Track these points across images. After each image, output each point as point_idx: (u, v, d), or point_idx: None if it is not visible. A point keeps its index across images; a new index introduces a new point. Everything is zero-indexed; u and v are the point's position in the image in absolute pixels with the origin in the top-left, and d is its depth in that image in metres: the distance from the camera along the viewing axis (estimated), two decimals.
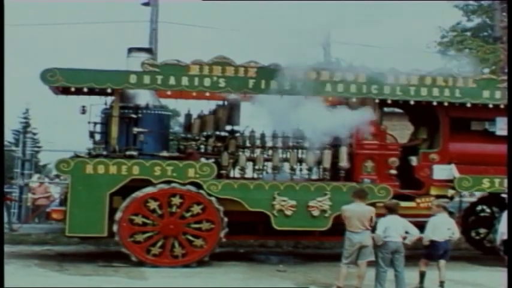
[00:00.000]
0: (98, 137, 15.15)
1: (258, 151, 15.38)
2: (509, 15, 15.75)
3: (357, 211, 11.74)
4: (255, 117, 15.07)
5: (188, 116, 16.00)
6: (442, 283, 12.23)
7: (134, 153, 14.52)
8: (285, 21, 13.60)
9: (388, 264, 11.58)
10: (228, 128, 15.49)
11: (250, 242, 17.41)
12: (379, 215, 12.04)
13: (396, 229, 11.58)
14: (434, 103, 15.12)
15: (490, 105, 15.13)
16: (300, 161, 15.42)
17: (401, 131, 18.42)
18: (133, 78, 14.23)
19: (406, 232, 11.78)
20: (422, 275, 12.33)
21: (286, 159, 15.37)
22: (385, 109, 16.25)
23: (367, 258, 11.63)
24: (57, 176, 21.99)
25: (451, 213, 13.39)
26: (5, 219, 18.69)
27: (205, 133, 15.45)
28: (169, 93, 15.24)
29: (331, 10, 13.41)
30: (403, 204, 14.09)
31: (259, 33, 13.34)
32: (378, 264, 11.58)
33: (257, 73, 14.41)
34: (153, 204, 14.13)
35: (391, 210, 11.85)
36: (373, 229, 11.74)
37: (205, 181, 14.30)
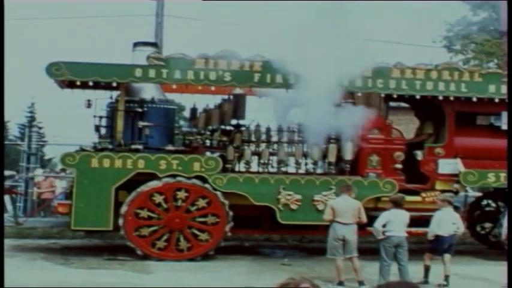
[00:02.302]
0: (103, 131, 15.18)
1: (263, 145, 15.38)
2: (509, 15, 15.67)
3: (345, 204, 11.81)
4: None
5: (194, 110, 16.00)
6: (447, 277, 12.23)
7: (140, 147, 14.53)
8: (289, 16, 13.57)
9: (392, 258, 11.60)
10: (234, 122, 15.48)
11: (255, 236, 17.42)
12: (385, 209, 12.06)
13: (399, 223, 11.59)
14: (440, 97, 15.09)
15: (496, 100, 15.08)
16: (305, 155, 15.41)
17: (406, 126, 18.41)
18: (138, 72, 14.23)
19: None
20: (427, 269, 12.33)
21: (291, 154, 15.36)
22: (391, 103, 16.22)
23: (353, 253, 11.68)
24: (63, 170, 22.02)
25: (456, 208, 13.37)
26: (11, 212, 18.72)
27: (210, 127, 15.46)
28: (174, 87, 15.25)
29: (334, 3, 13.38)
30: (409, 198, 14.09)
31: (265, 27, 13.33)
32: (381, 257, 11.60)
33: (263, 67, 14.40)
34: (158, 198, 14.15)
35: (397, 204, 11.85)
36: (369, 223, 11.84)
37: (211, 175, 14.30)
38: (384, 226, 11.57)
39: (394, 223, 11.55)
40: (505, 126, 15.42)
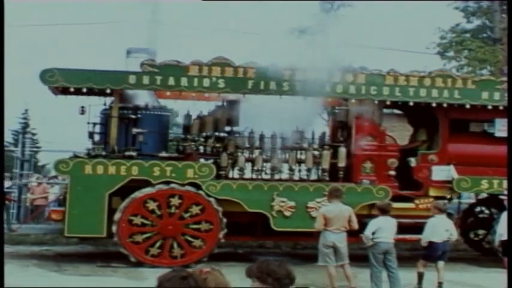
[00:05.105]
0: (97, 137, 15.18)
1: (257, 152, 15.37)
2: (509, 17, 15.73)
3: (337, 211, 11.72)
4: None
5: (187, 116, 16.00)
6: (440, 284, 12.22)
7: (133, 153, 14.52)
8: (284, 22, 13.61)
9: (382, 265, 11.58)
10: (227, 128, 15.48)
11: (249, 242, 17.39)
12: (374, 216, 12.06)
13: (388, 230, 11.58)
14: (434, 104, 15.11)
15: (489, 107, 15.11)
16: (299, 161, 15.41)
17: (400, 132, 18.41)
18: (132, 79, 14.21)
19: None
20: (420, 276, 12.33)
21: (285, 160, 15.36)
22: (385, 110, 16.23)
23: (344, 260, 11.65)
24: (56, 177, 21.98)
25: (449, 215, 13.38)
26: (4, 219, 18.68)
27: (204, 134, 15.45)
28: (168, 93, 15.24)
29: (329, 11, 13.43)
30: (402, 205, 14.10)
31: (259, 34, 13.35)
32: (372, 264, 11.59)
33: (256, 74, 14.39)
34: (152, 205, 14.13)
35: (383, 211, 11.83)
36: (362, 229, 11.82)
37: (204, 182, 14.29)
38: (373, 233, 11.56)
39: (383, 230, 11.54)
40: (498, 133, 15.47)
